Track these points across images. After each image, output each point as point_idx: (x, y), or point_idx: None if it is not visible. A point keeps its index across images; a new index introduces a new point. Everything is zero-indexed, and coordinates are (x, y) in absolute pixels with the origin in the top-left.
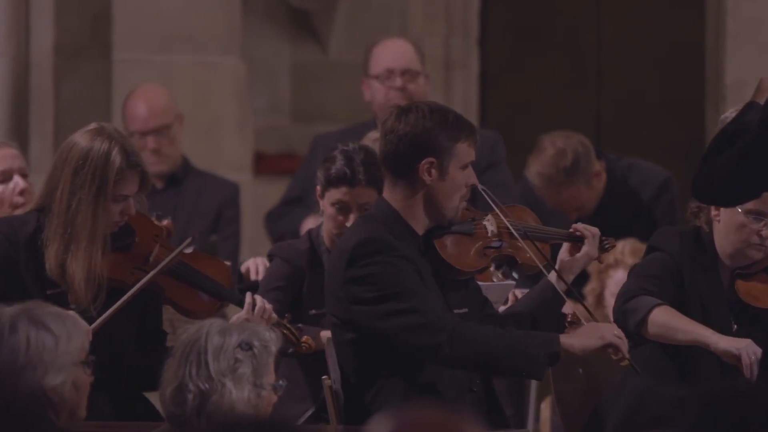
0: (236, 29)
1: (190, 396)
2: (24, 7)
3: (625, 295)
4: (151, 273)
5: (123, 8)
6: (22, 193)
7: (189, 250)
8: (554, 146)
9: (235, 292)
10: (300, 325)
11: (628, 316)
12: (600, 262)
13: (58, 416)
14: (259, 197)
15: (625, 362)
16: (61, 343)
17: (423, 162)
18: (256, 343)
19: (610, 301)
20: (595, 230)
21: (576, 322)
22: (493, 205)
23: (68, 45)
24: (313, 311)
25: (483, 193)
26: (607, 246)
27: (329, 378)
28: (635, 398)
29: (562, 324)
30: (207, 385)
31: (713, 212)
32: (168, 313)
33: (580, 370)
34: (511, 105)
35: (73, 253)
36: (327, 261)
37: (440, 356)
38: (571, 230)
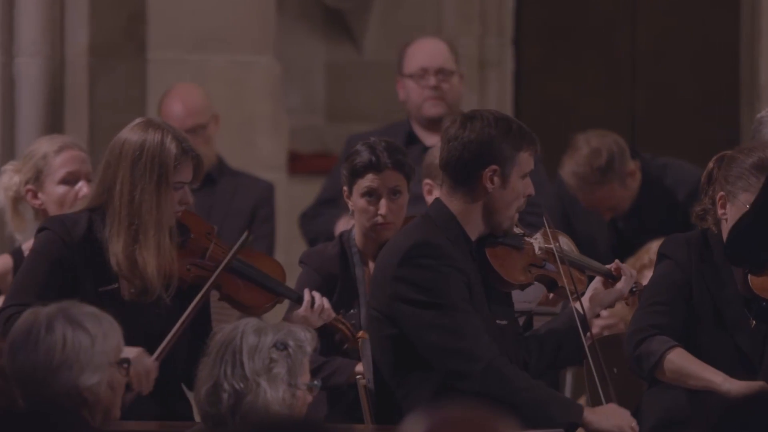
0: (271, 29)
1: (224, 395)
2: (59, 6)
3: (636, 335)
4: (218, 269)
5: (158, 8)
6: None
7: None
8: (589, 145)
9: (291, 288)
10: (354, 321)
11: (642, 361)
12: (627, 304)
13: (93, 416)
14: (293, 197)
15: None
16: (97, 342)
17: (487, 170)
18: (291, 343)
19: None
20: (634, 272)
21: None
22: (546, 226)
23: (103, 44)
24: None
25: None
26: (634, 290)
27: (363, 377)
28: (670, 401)
29: (583, 352)
30: (242, 385)
31: (720, 211)
32: None
33: (615, 370)
34: (546, 104)
35: (141, 243)
36: (358, 264)
37: (467, 385)
38: (611, 267)
